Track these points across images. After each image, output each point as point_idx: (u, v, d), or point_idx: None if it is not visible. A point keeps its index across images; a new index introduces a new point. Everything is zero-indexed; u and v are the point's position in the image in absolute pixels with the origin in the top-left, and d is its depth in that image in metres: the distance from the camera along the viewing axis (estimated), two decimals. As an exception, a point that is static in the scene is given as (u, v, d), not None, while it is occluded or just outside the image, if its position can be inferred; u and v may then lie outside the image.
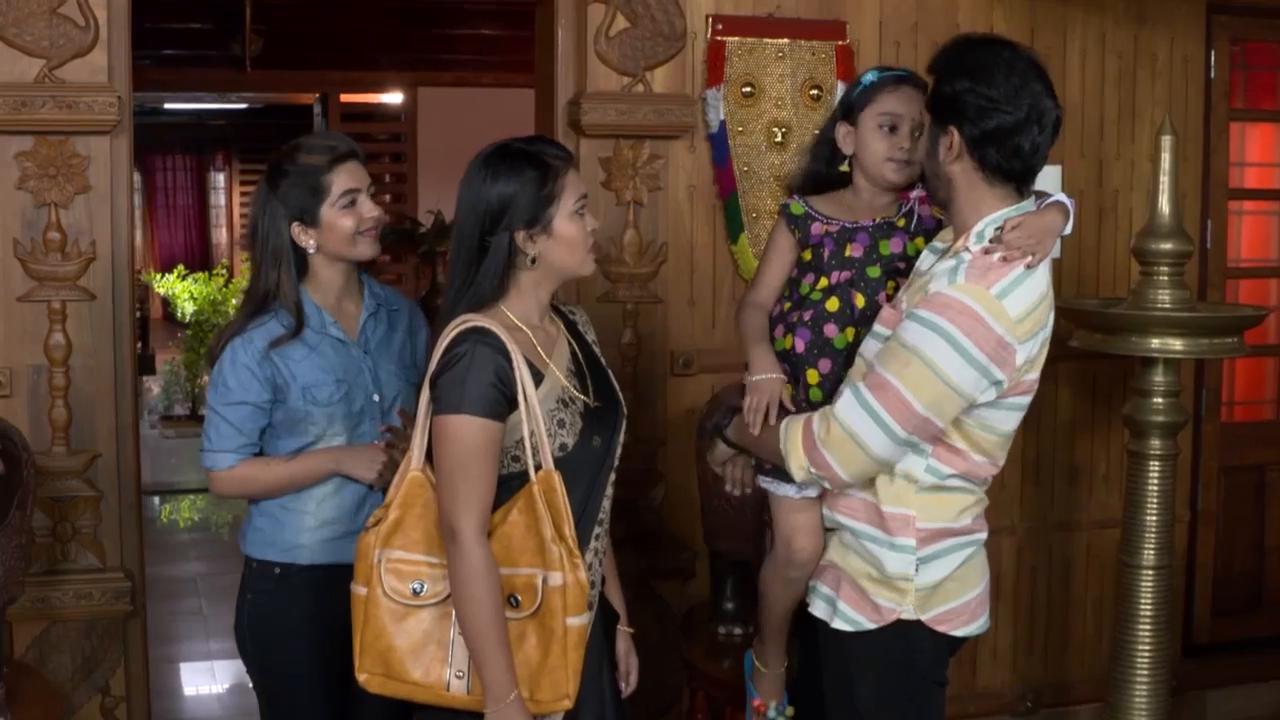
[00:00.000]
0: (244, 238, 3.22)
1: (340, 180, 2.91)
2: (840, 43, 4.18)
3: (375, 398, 2.97)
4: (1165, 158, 3.85)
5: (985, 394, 2.47)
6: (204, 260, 18.16)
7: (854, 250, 2.72)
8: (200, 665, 5.62)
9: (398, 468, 2.56)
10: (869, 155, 2.74)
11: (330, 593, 2.75)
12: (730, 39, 4.09)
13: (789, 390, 2.71)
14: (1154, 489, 3.91)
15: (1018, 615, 4.61)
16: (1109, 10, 4.51)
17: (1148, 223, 3.89)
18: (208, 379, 2.97)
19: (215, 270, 14.27)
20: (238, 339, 2.89)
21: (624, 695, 2.75)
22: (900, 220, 2.75)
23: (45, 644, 3.63)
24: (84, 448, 3.63)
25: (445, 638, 2.43)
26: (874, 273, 2.71)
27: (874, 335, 2.59)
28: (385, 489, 2.65)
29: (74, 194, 3.56)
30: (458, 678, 2.41)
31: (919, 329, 2.43)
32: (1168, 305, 3.81)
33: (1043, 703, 4.65)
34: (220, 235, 19.05)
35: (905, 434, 2.47)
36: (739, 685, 3.34)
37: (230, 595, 3.05)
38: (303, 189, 2.90)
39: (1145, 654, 3.92)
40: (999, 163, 2.48)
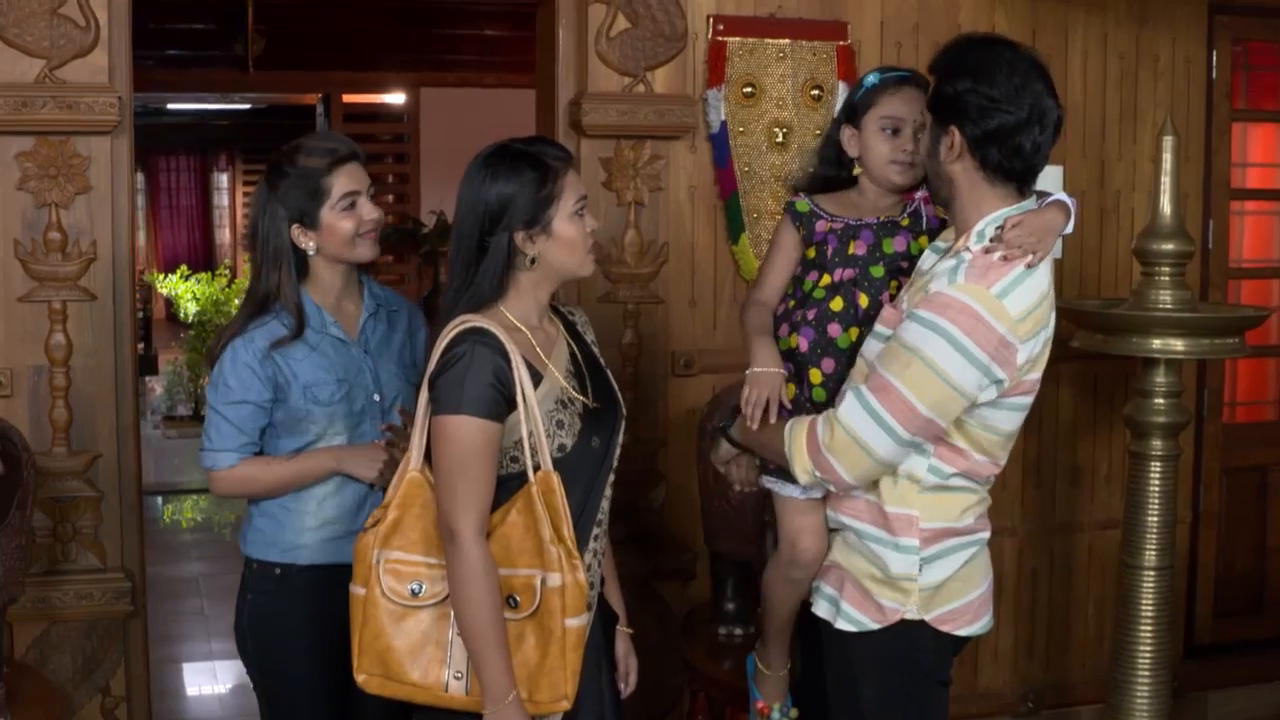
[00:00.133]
0: (245, 237, 3.21)
1: (340, 183, 2.91)
2: (841, 43, 4.18)
3: (376, 397, 2.97)
4: (1167, 158, 3.84)
5: (986, 393, 2.46)
6: (207, 260, 18.20)
7: (857, 248, 2.72)
8: (202, 665, 5.62)
9: (399, 466, 2.56)
10: (873, 158, 2.74)
11: (330, 593, 2.75)
12: (731, 39, 4.09)
13: (791, 389, 2.71)
14: (1155, 490, 3.91)
15: (1019, 616, 4.60)
16: (1111, 11, 4.51)
17: (1149, 223, 3.89)
18: (208, 379, 2.97)
19: (218, 270, 14.30)
20: (239, 339, 2.88)
21: (623, 696, 2.75)
22: (905, 220, 2.75)
23: (46, 644, 3.63)
24: (85, 448, 3.63)
25: (444, 638, 2.42)
26: (877, 272, 2.71)
27: (875, 335, 2.58)
28: (386, 488, 2.65)
29: (75, 194, 3.56)
30: (456, 678, 2.41)
31: (919, 329, 2.43)
32: (1169, 306, 3.81)
33: (1044, 704, 4.65)
34: (224, 236, 19.07)
35: (909, 436, 2.46)
36: (740, 686, 3.33)
37: (232, 595, 3.05)
38: (302, 191, 2.89)
39: (1146, 655, 3.92)
40: (1000, 162, 2.48)
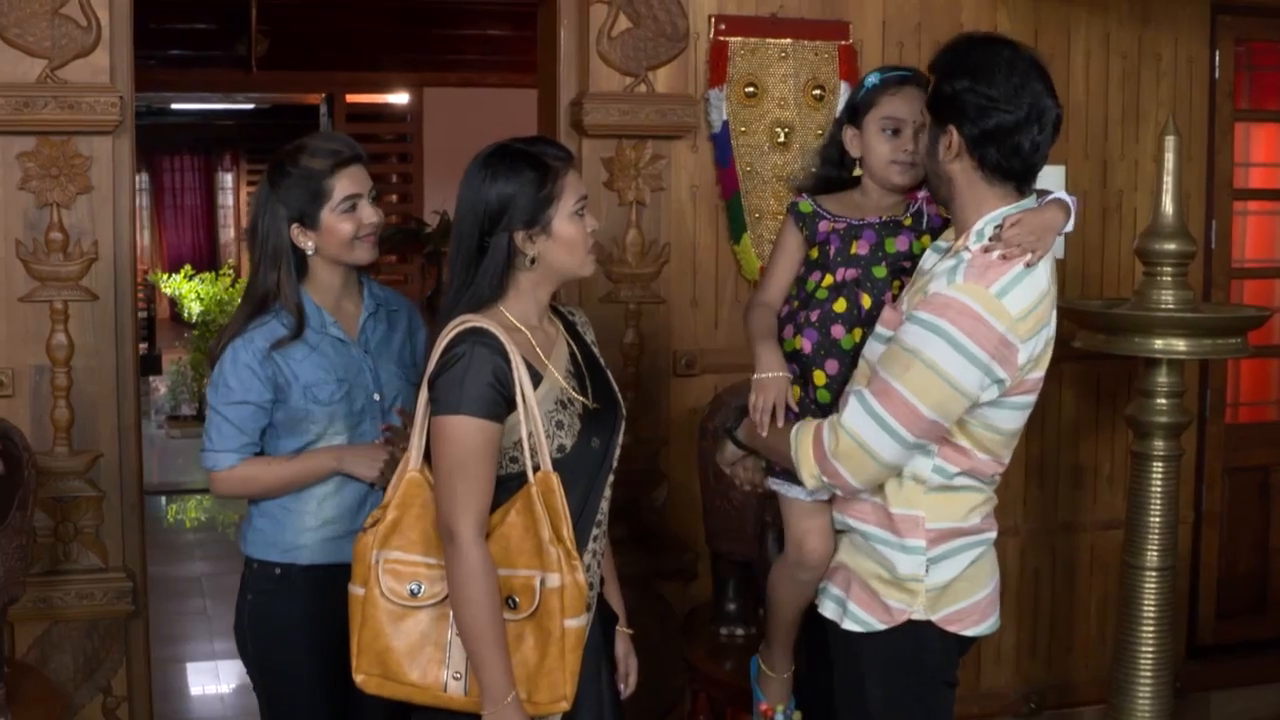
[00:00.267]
0: (246, 232, 3.21)
1: (342, 185, 2.90)
2: (843, 43, 4.17)
3: (376, 397, 2.97)
4: (1169, 158, 3.84)
5: (988, 392, 2.46)
6: (211, 260, 18.22)
7: (860, 247, 2.72)
8: (205, 665, 5.62)
9: (399, 466, 2.56)
10: (874, 158, 2.73)
11: (331, 593, 2.74)
12: (733, 39, 4.09)
13: (796, 391, 2.71)
14: (1157, 490, 3.91)
15: (1021, 616, 4.59)
16: (1113, 10, 4.50)
17: (1151, 223, 3.88)
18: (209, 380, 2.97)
19: (222, 270, 14.32)
20: (238, 339, 2.88)
21: (623, 697, 2.74)
22: (907, 219, 2.74)
23: (47, 644, 3.64)
24: (86, 448, 3.63)
25: (443, 639, 2.42)
26: (880, 272, 2.70)
27: (876, 337, 2.58)
28: (386, 488, 2.65)
29: (76, 194, 3.57)
30: (455, 679, 2.41)
31: (919, 331, 2.43)
32: (1171, 306, 3.81)
33: (1046, 704, 4.64)
34: (228, 235, 19.09)
35: (914, 438, 2.46)
36: (741, 687, 3.33)
37: (235, 596, 3.05)
38: (304, 191, 2.89)
39: (1148, 655, 3.92)
40: (999, 162, 2.48)
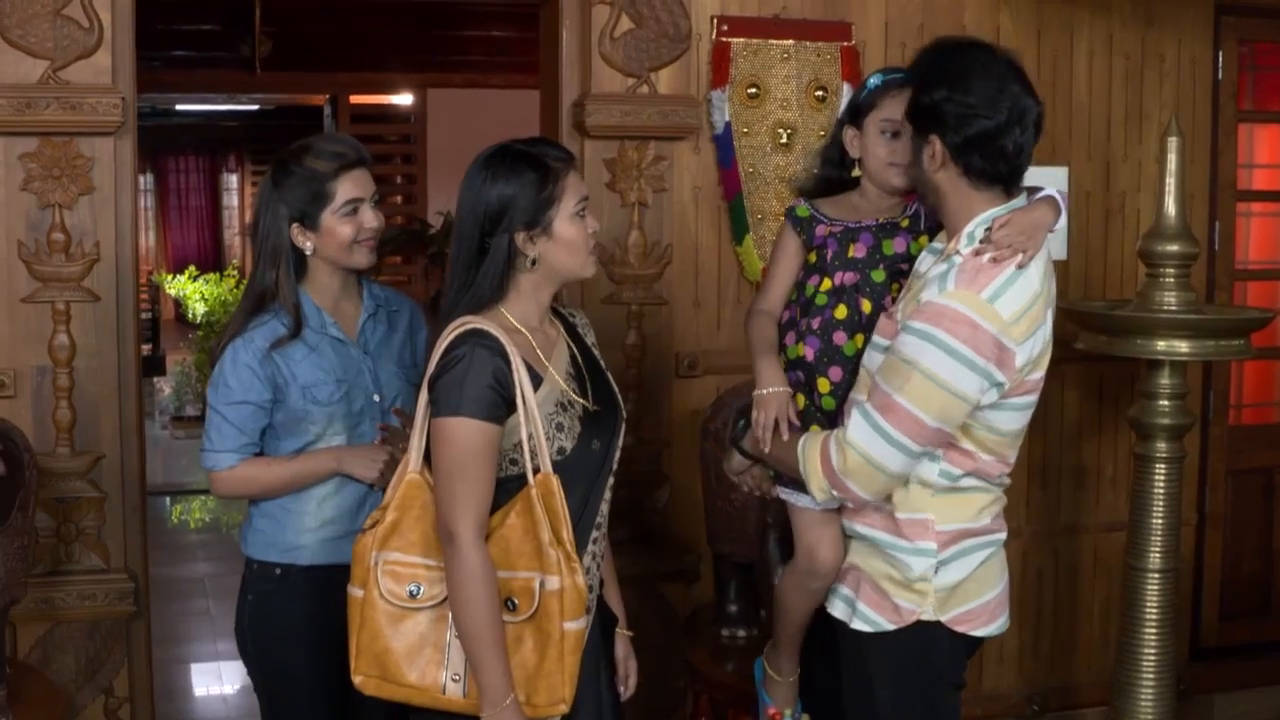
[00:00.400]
0: (248, 226, 3.21)
1: (345, 188, 2.90)
2: (846, 44, 4.17)
3: (375, 398, 2.97)
4: (1172, 159, 3.83)
5: (987, 395, 2.46)
6: (216, 261, 18.24)
7: (857, 250, 2.71)
8: (208, 666, 5.63)
9: (399, 466, 2.55)
10: (872, 160, 2.73)
11: (330, 593, 2.73)
12: (735, 40, 4.08)
13: (800, 399, 2.70)
14: (1160, 492, 3.90)
15: (1024, 618, 4.58)
16: (1116, 11, 4.50)
17: (1154, 224, 3.88)
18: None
19: (227, 271, 14.34)
20: (238, 339, 2.88)
21: (623, 699, 2.74)
22: (904, 220, 2.74)
23: (49, 645, 3.64)
24: (88, 449, 3.64)
25: (442, 640, 2.42)
26: (879, 276, 2.70)
27: (874, 346, 2.58)
28: (386, 488, 2.64)
29: (78, 195, 3.57)
30: (454, 681, 2.41)
31: (915, 341, 2.43)
32: (1174, 307, 3.80)
33: (1049, 706, 4.64)
34: (232, 236, 19.08)
35: (920, 448, 2.47)
36: (742, 688, 3.33)
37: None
38: (306, 192, 2.88)
39: (1151, 657, 3.91)
40: (984, 167, 2.48)
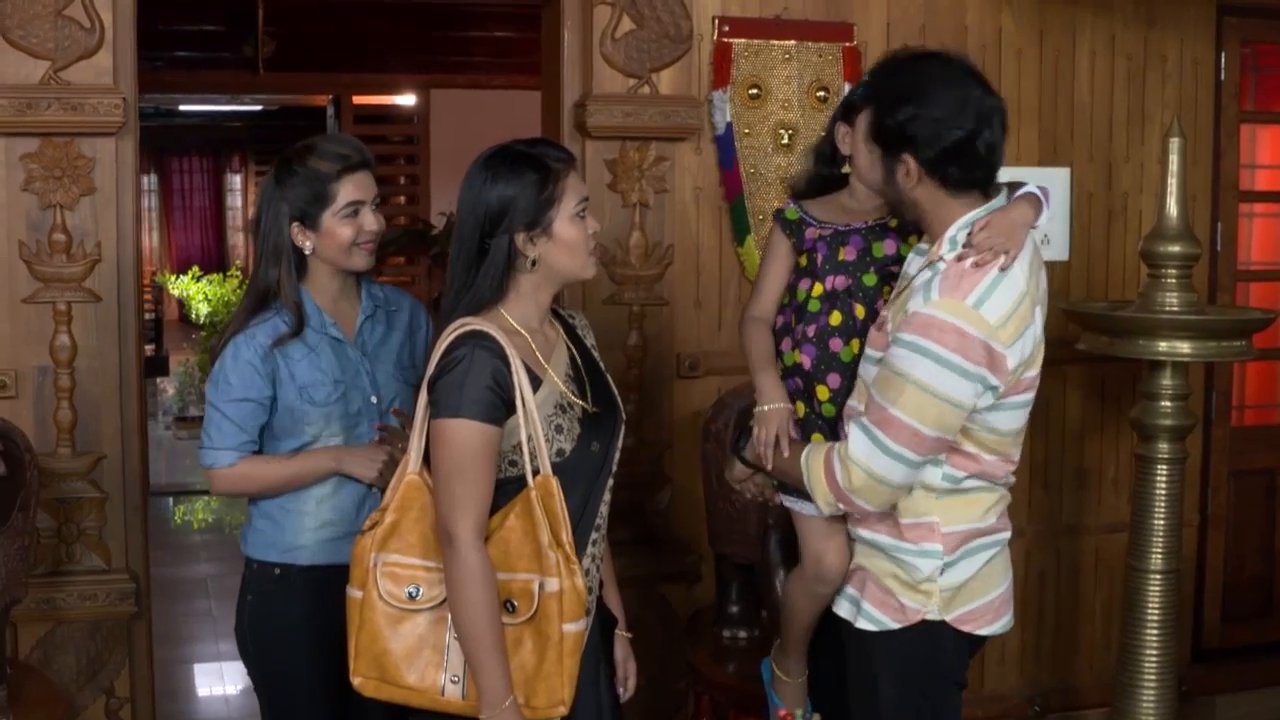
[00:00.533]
0: (250, 223, 3.21)
1: (346, 191, 2.90)
2: (847, 44, 4.17)
3: (373, 399, 2.97)
4: (1174, 160, 3.83)
5: (983, 399, 2.46)
6: (219, 261, 18.25)
7: (847, 253, 2.71)
8: (210, 666, 5.62)
9: (398, 467, 2.55)
10: (862, 159, 2.71)
11: (330, 593, 2.73)
12: (737, 41, 4.08)
13: (800, 407, 2.70)
14: (1162, 493, 3.90)
15: (1026, 619, 4.58)
16: (1118, 12, 4.49)
17: (1156, 225, 3.87)
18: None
19: (230, 271, 14.35)
20: (240, 335, 2.88)
21: (622, 700, 2.74)
22: (893, 221, 2.72)
23: (50, 645, 3.64)
24: (89, 449, 3.64)
25: (441, 642, 2.41)
26: (870, 280, 2.69)
27: (867, 359, 2.58)
28: (385, 489, 2.64)
29: (79, 195, 3.57)
30: (453, 683, 2.40)
31: (906, 353, 2.43)
32: (1176, 308, 3.80)
33: (1050, 707, 4.63)
34: (236, 236, 19.11)
35: (921, 457, 2.47)
36: (744, 689, 3.33)
37: (239, 597, 3.06)
38: (308, 192, 2.88)
39: (1152, 659, 3.91)
40: (961, 176, 2.48)
